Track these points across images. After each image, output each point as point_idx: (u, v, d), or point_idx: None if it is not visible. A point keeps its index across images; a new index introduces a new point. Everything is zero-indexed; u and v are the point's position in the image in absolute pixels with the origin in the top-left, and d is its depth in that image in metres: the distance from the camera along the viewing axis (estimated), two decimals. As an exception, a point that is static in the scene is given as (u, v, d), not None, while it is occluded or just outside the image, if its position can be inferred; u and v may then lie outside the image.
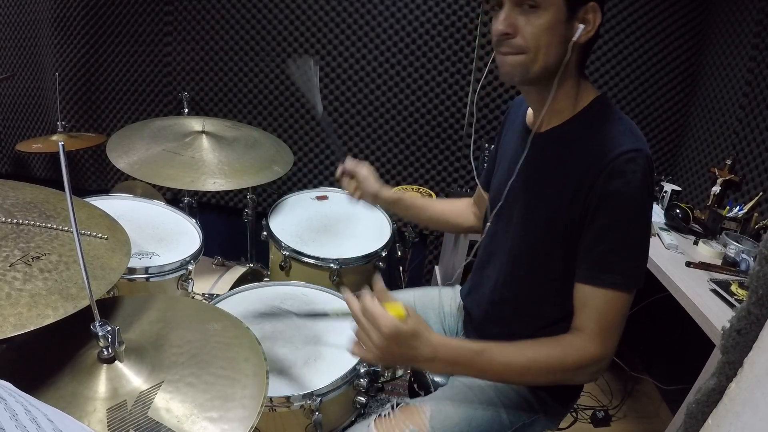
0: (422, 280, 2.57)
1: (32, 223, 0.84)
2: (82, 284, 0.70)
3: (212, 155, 1.53)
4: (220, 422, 0.72)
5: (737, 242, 1.55)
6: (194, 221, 1.56)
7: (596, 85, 2.19)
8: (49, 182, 1.88)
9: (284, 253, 1.48)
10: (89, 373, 0.76)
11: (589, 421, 1.96)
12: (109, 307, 0.92)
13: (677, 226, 1.78)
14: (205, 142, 1.58)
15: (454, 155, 2.35)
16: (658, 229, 1.77)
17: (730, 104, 1.89)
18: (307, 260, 1.46)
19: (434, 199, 1.36)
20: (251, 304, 1.27)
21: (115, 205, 1.55)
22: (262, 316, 1.22)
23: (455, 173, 2.39)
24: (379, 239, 1.60)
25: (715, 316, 1.26)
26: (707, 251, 1.62)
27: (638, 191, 0.82)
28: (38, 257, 0.77)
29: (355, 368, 1.07)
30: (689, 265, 1.52)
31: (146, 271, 1.30)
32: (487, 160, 1.25)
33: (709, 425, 0.72)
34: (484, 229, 1.11)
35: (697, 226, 1.75)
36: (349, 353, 0.85)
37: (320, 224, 1.66)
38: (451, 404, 1.02)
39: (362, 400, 1.09)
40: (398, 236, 1.76)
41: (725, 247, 1.58)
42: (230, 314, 0.96)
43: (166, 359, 0.81)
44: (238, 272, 1.82)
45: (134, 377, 0.76)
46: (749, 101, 1.77)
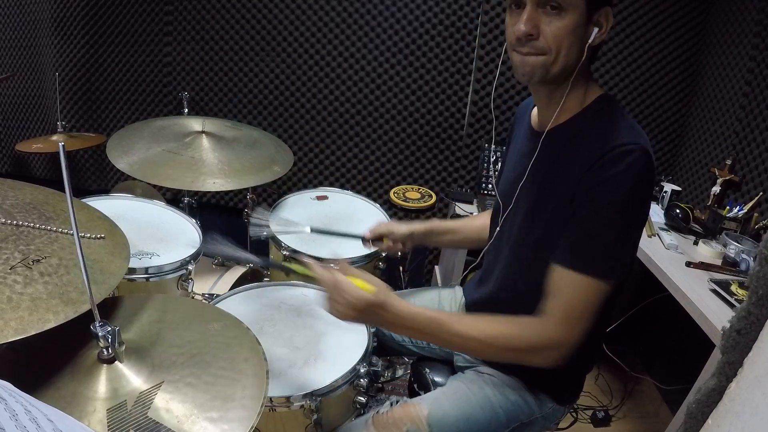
0: (422, 280, 2.57)
1: (32, 224, 0.84)
2: (82, 288, 0.70)
3: (212, 155, 1.53)
4: (220, 422, 0.72)
5: (737, 242, 1.55)
6: (194, 221, 1.56)
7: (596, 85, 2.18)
8: (49, 182, 1.88)
9: (284, 253, 1.48)
10: (89, 373, 0.76)
11: (589, 421, 1.96)
12: (108, 307, 0.92)
13: (677, 226, 1.78)
14: (205, 142, 1.58)
15: (454, 155, 2.35)
16: (658, 229, 1.77)
17: (730, 104, 1.89)
18: (307, 260, 1.45)
19: (461, 219, 1.35)
20: (251, 304, 1.27)
21: (114, 205, 1.54)
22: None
23: (455, 173, 2.39)
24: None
25: (715, 316, 1.26)
26: (707, 251, 1.62)
27: (629, 183, 0.81)
28: (38, 260, 0.77)
29: (355, 368, 1.06)
30: (689, 265, 1.52)
31: (146, 271, 1.29)
32: (499, 168, 1.26)
33: (709, 425, 0.72)
34: (493, 232, 1.11)
35: (697, 226, 1.75)
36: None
37: (320, 224, 1.66)
38: (448, 403, 1.03)
39: (362, 400, 1.09)
40: (398, 236, 1.76)
41: (725, 247, 1.58)
42: (230, 314, 0.96)
43: (166, 359, 0.81)
44: (238, 272, 1.82)
45: (134, 377, 0.76)
46: (749, 101, 1.77)
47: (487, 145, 2.21)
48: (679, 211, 1.78)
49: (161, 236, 1.47)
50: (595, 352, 1.09)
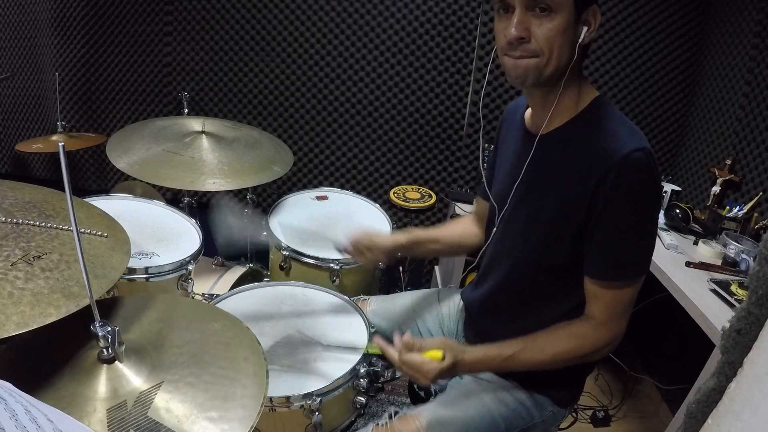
0: (422, 280, 2.57)
1: (32, 222, 0.84)
2: (83, 282, 0.70)
3: (212, 155, 1.53)
4: (220, 422, 0.72)
5: (737, 242, 1.55)
6: (194, 221, 1.56)
7: (596, 85, 2.19)
8: (49, 182, 1.88)
9: (284, 253, 1.48)
10: (89, 373, 0.76)
11: (589, 421, 1.96)
12: (109, 307, 0.92)
13: (677, 226, 1.78)
14: (205, 142, 1.58)
15: (454, 155, 2.35)
16: (658, 229, 1.76)
17: (730, 104, 1.89)
18: (307, 260, 1.46)
19: (441, 226, 1.34)
20: (251, 304, 1.27)
21: (114, 205, 1.54)
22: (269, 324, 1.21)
23: (455, 173, 2.39)
24: (379, 239, 1.60)
25: (715, 316, 1.26)
26: (707, 251, 1.62)
27: (646, 188, 0.84)
28: (39, 256, 0.77)
29: (355, 368, 1.06)
30: (689, 265, 1.52)
31: (146, 271, 1.29)
32: (486, 167, 1.24)
33: (709, 425, 0.72)
34: (489, 235, 1.11)
35: (697, 226, 1.75)
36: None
37: (320, 224, 1.66)
38: (447, 412, 1.03)
39: (362, 400, 1.09)
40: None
41: (725, 247, 1.58)
42: (230, 314, 0.96)
43: (166, 359, 0.81)
44: (238, 272, 1.82)
45: (134, 377, 0.76)
46: (749, 101, 1.77)
47: (487, 145, 2.21)
48: (679, 211, 1.78)
49: (161, 236, 1.47)
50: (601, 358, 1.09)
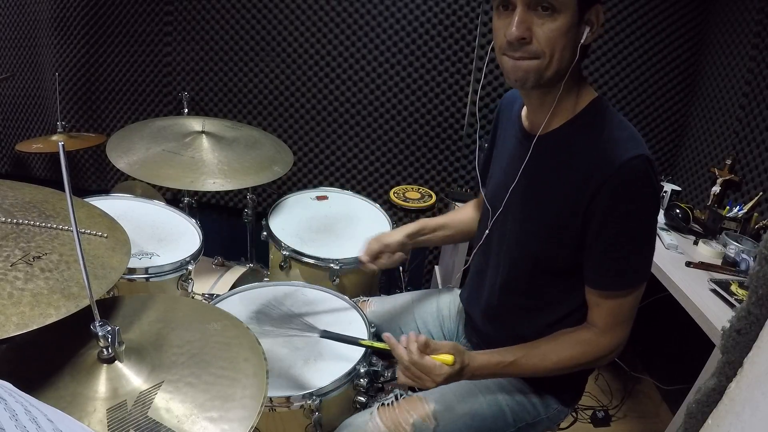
0: (422, 280, 2.57)
1: (32, 222, 0.84)
2: (83, 282, 0.70)
3: (212, 155, 1.53)
4: (220, 422, 0.72)
5: (737, 242, 1.55)
6: (194, 221, 1.56)
7: (596, 85, 2.19)
8: (49, 182, 1.88)
9: (284, 253, 1.48)
10: (89, 373, 0.76)
11: (589, 421, 1.96)
12: (109, 307, 0.92)
13: (677, 226, 1.78)
14: (205, 142, 1.58)
15: (453, 155, 2.35)
16: (658, 229, 1.76)
17: (730, 104, 1.89)
18: (307, 260, 1.46)
19: (448, 213, 1.33)
20: (251, 304, 1.27)
21: (114, 205, 1.54)
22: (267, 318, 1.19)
23: (455, 173, 2.39)
24: (379, 239, 1.60)
25: (715, 316, 1.26)
26: (707, 251, 1.62)
27: (645, 197, 0.83)
28: (39, 257, 0.77)
29: (355, 368, 1.06)
30: (689, 265, 1.52)
31: (146, 271, 1.30)
32: (482, 159, 1.23)
33: (709, 425, 0.72)
34: (482, 234, 1.09)
35: (697, 226, 1.75)
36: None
37: (320, 224, 1.66)
38: (455, 399, 1.02)
39: (362, 400, 1.09)
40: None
41: (725, 247, 1.58)
42: (230, 314, 0.96)
43: (166, 359, 0.81)
44: (238, 272, 1.82)
45: (134, 377, 0.76)
46: (749, 101, 1.77)
47: (487, 144, 2.21)
48: (679, 211, 1.78)
49: (161, 236, 1.47)
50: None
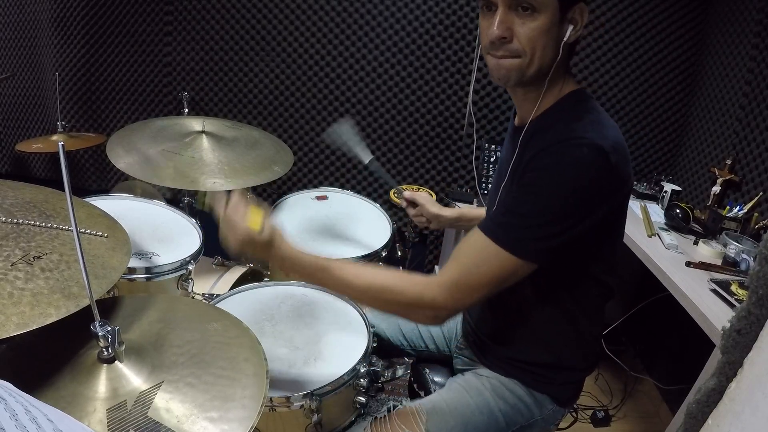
0: (422, 280, 2.57)
1: (32, 222, 0.84)
2: (83, 283, 0.70)
3: (212, 155, 1.53)
4: (220, 422, 0.72)
5: (737, 242, 1.55)
6: (194, 221, 1.56)
7: (596, 85, 2.19)
8: (49, 182, 1.88)
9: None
10: (89, 373, 0.76)
11: (589, 421, 1.96)
12: (109, 307, 0.92)
13: (677, 226, 1.78)
14: (205, 142, 1.58)
15: (454, 155, 2.35)
16: (658, 229, 1.77)
17: (730, 104, 1.89)
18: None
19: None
20: (251, 304, 1.27)
21: (115, 205, 1.54)
22: None
23: (455, 173, 2.39)
24: (379, 239, 1.60)
25: (715, 316, 1.26)
26: (707, 251, 1.62)
27: (565, 175, 0.79)
28: (39, 256, 0.77)
29: (355, 368, 1.06)
30: (689, 265, 1.52)
31: (146, 271, 1.29)
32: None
33: (709, 425, 0.72)
34: None
35: (697, 226, 1.75)
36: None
37: (320, 224, 1.66)
38: (447, 408, 1.03)
39: (362, 400, 1.09)
40: (398, 236, 1.76)
41: (725, 247, 1.58)
42: (230, 314, 0.96)
43: (166, 359, 0.81)
44: (238, 272, 1.82)
45: (134, 377, 0.76)
46: (749, 101, 1.77)
47: (487, 144, 2.21)
48: (679, 210, 1.78)
49: (161, 236, 1.47)
50: (595, 353, 1.08)
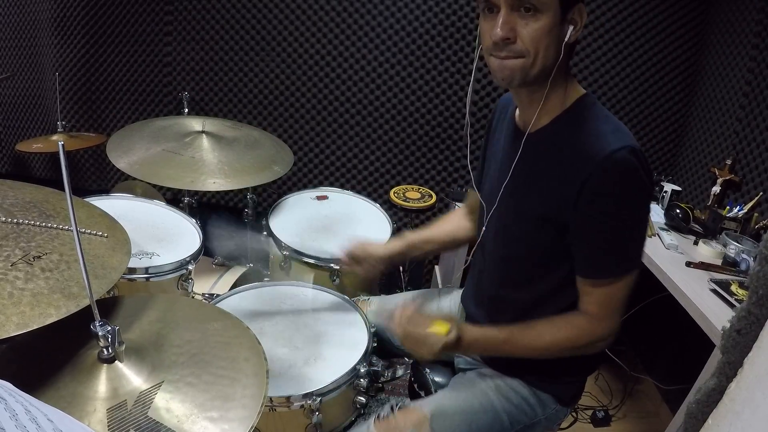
0: (422, 280, 2.57)
1: (32, 222, 0.84)
2: (83, 283, 0.70)
3: (212, 155, 1.53)
4: (220, 422, 0.72)
5: (737, 242, 1.55)
6: (194, 221, 1.56)
7: (596, 85, 2.19)
8: (49, 182, 1.88)
9: (284, 253, 1.48)
10: (89, 373, 0.76)
11: (589, 421, 1.96)
12: (109, 307, 0.92)
13: (677, 226, 1.78)
14: (205, 142, 1.58)
15: (454, 155, 2.35)
16: (658, 229, 1.77)
17: (730, 104, 1.89)
18: (307, 260, 1.46)
19: (434, 225, 1.34)
20: (251, 304, 1.27)
21: (115, 205, 1.54)
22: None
23: (455, 173, 2.39)
24: (379, 239, 1.60)
25: (715, 316, 1.26)
26: (707, 251, 1.62)
27: (631, 186, 0.84)
28: (39, 256, 0.77)
29: (355, 368, 1.06)
30: (689, 265, 1.52)
31: (146, 271, 1.30)
32: (479, 160, 1.25)
33: (709, 425, 0.72)
34: (479, 233, 1.11)
35: (697, 226, 1.75)
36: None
37: (320, 224, 1.66)
38: (451, 407, 1.03)
39: (362, 400, 1.09)
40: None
41: (725, 247, 1.58)
42: (230, 314, 0.96)
43: (166, 359, 0.81)
44: (238, 272, 1.82)
45: (134, 377, 0.76)
46: (749, 101, 1.77)
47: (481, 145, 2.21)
48: (679, 211, 1.78)
49: (161, 236, 1.47)
50: (596, 354, 1.08)
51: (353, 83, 2.26)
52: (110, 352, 0.76)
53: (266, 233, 1.57)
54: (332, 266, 1.44)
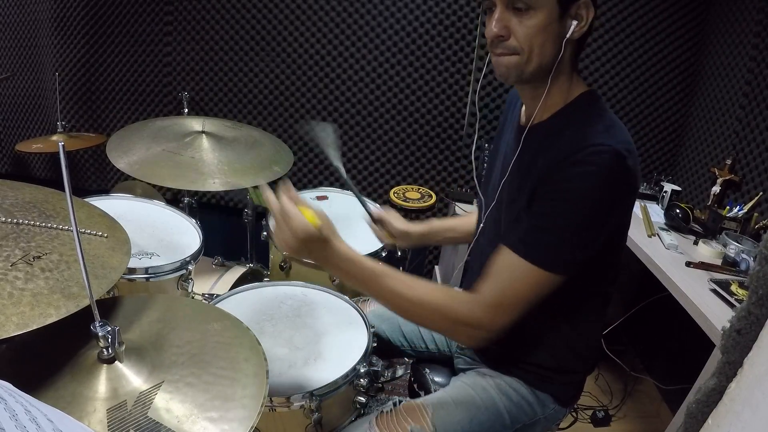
0: (422, 280, 2.57)
1: (32, 222, 0.84)
2: (83, 283, 0.70)
3: (212, 155, 1.53)
4: (220, 422, 0.72)
5: (737, 242, 1.55)
6: (194, 221, 1.56)
7: (596, 85, 2.19)
8: (49, 182, 1.88)
9: (284, 253, 1.47)
10: (89, 373, 0.76)
11: (589, 421, 1.96)
12: (109, 307, 0.92)
13: (677, 226, 1.78)
14: (205, 142, 1.58)
15: (454, 155, 2.35)
16: (658, 229, 1.77)
17: (730, 104, 1.89)
18: (307, 260, 1.45)
19: (460, 217, 1.35)
20: (251, 304, 1.27)
21: (115, 205, 1.54)
22: None
23: (455, 173, 2.39)
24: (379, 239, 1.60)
25: (715, 316, 1.26)
26: (707, 251, 1.62)
27: (590, 184, 0.80)
28: (39, 257, 0.77)
29: (355, 368, 1.06)
30: (689, 265, 1.52)
31: (146, 271, 1.29)
32: (486, 160, 1.25)
33: (709, 425, 0.72)
34: (477, 230, 1.11)
35: (697, 226, 1.75)
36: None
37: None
38: (453, 404, 1.03)
39: (362, 400, 1.09)
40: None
41: (725, 247, 1.58)
42: (230, 314, 0.96)
43: (166, 359, 0.81)
44: (238, 272, 1.82)
45: (134, 377, 0.76)
46: (749, 101, 1.77)
47: (487, 144, 2.21)
48: (679, 211, 1.78)
49: (161, 236, 1.47)
50: (595, 353, 1.08)
51: (353, 83, 2.26)
52: (110, 352, 0.76)
53: (266, 233, 1.57)
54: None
